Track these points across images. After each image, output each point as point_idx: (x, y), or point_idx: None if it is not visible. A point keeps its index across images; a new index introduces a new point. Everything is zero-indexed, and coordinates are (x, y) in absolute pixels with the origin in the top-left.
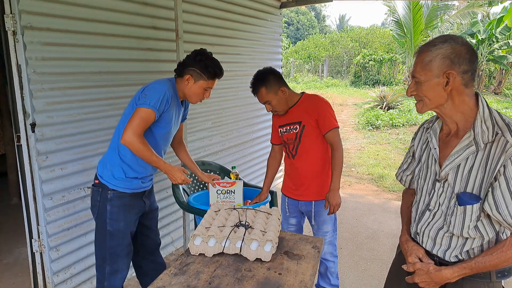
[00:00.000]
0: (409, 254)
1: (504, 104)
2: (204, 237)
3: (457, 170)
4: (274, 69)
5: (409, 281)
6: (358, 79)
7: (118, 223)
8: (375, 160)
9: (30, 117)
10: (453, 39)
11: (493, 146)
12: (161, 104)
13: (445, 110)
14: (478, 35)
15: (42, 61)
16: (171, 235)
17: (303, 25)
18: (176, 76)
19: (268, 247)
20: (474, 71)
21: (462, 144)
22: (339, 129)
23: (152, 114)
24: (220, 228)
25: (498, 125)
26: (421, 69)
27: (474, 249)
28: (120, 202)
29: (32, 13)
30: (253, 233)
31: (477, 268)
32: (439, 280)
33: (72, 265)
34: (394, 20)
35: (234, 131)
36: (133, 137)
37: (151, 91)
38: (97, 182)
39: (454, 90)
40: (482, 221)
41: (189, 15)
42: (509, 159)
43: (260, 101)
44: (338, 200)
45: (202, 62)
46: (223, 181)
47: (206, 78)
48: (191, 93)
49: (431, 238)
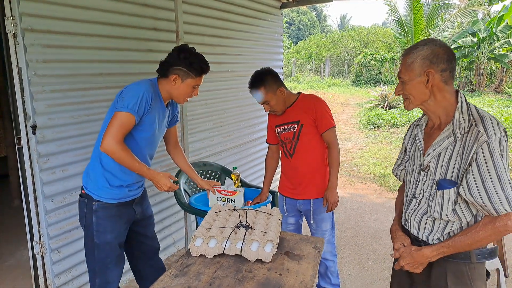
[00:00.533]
0: (396, 242)
1: (505, 103)
2: (204, 238)
3: (437, 159)
4: (272, 69)
5: (397, 268)
6: (360, 78)
7: (105, 234)
8: (377, 160)
9: (30, 119)
10: (432, 42)
11: (468, 136)
12: (140, 107)
13: (429, 106)
14: (479, 34)
15: (43, 63)
16: (172, 236)
17: (304, 25)
18: (159, 76)
19: (269, 248)
20: (452, 69)
21: (443, 135)
22: (335, 128)
23: (131, 117)
24: (221, 229)
25: (473, 117)
26: (405, 70)
27: (454, 231)
28: (106, 213)
29: (32, 15)
30: (253, 234)
31: (454, 247)
32: (420, 259)
33: (74, 267)
34: (395, 19)
35: (235, 131)
36: (113, 144)
37: (128, 94)
38: (83, 192)
39: (435, 87)
40: (459, 205)
41: (190, 16)
42: (480, 146)
43: (259, 101)
44: (336, 198)
45: (187, 59)
46: (224, 188)
47: (193, 75)
48: (179, 93)
49: (416, 224)
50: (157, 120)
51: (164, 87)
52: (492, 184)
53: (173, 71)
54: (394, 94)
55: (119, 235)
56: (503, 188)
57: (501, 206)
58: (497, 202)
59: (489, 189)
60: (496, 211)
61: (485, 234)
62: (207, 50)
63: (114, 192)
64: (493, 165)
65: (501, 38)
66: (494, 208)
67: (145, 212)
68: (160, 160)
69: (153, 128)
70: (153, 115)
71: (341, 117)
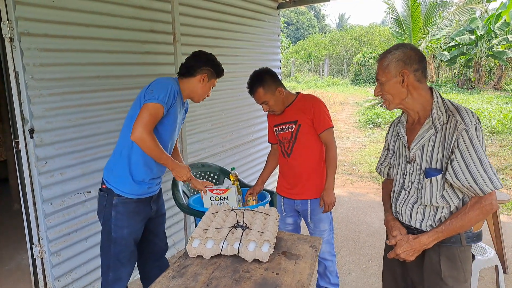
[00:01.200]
0: (393, 230)
1: (504, 100)
2: (202, 239)
3: (422, 150)
4: (270, 69)
5: (391, 256)
6: (359, 77)
7: (122, 229)
8: (376, 158)
9: (28, 123)
10: (404, 46)
11: (447, 126)
12: (168, 98)
13: (407, 104)
14: (477, 31)
15: (40, 67)
16: (172, 238)
17: (303, 24)
18: (181, 77)
19: (266, 248)
20: (424, 69)
21: (424, 128)
22: (333, 128)
23: (160, 108)
24: (218, 229)
25: (450, 109)
26: (382, 72)
27: (445, 216)
28: (125, 209)
29: (29, 19)
30: (250, 234)
31: (447, 231)
32: (417, 246)
33: (73, 270)
34: (393, 18)
35: (234, 132)
36: (144, 134)
37: (157, 86)
38: (104, 187)
39: (410, 86)
40: (446, 190)
41: (186, 17)
42: (460, 134)
43: (258, 101)
44: (333, 199)
45: (211, 61)
46: (215, 188)
47: (216, 76)
48: (203, 91)
49: (408, 213)
50: (178, 114)
51: (187, 85)
52: (475, 167)
53: (202, 71)
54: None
55: (135, 231)
56: (485, 169)
57: (485, 186)
58: (482, 183)
59: (473, 172)
60: (482, 191)
61: (474, 214)
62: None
63: (135, 188)
64: (473, 150)
65: (499, 35)
66: (480, 188)
67: (160, 210)
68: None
69: (175, 122)
70: (176, 109)
71: (341, 116)
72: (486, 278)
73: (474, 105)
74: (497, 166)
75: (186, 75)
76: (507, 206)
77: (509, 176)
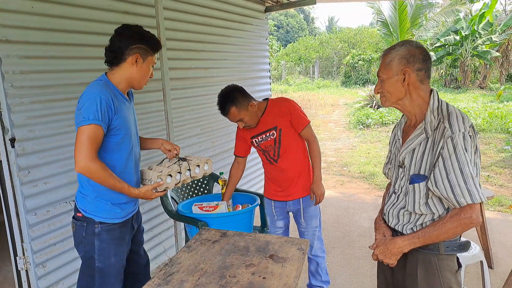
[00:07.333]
0: (377, 232)
1: (489, 98)
2: (163, 177)
3: (412, 155)
4: (238, 86)
5: (373, 258)
6: (349, 79)
7: (109, 258)
8: (366, 158)
9: (9, 132)
10: (409, 43)
11: (436, 132)
12: (102, 113)
13: (405, 106)
14: (462, 32)
15: (21, 75)
16: (163, 245)
17: (293, 27)
18: (110, 68)
19: (207, 167)
20: (427, 69)
21: (416, 132)
22: (310, 123)
23: (96, 128)
24: (169, 167)
25: (442, 114)
26: (383, 68)
27: (426, 223)
28: (110, 236)
29: (7, 26)
30: (192, 162)
31: (424, 238)
32: (393, 248)
33: (60, 281)
34: (380, 20)
35: (224, 136)
36: (88, 163)
37: (85, 103)
38: (80, 215)
39: (411, 85)
40: (432, 198)
41: (172, 22)
42: (445, 141)
43: (232, 120)
44: (322, 190)
45: (140, 35)
46: (206, 204)
47: (152, 52)
48: (141, 75)
49: (395, 217)
50: (127, 117)
51: (121, 76)
52: (455, 177)
53: (131, 51)
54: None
55: (122, 257)
56: (465, 180)
57: (462, 198)
58: (459, 194)
59: (452, 181)
60: (458, 203)
61: (451, 225)
62: (191, 56)
63: (117, 211)
64: (456, 159)
65: (483, 35)
66: (456, 200)
67: (139, 227)
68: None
69: (126, 125)
70: (122, 114)
71: (331, 118)
72: (472, 274)
73: (461, 104)
74: (483, 163)
75: (114, 62)
76: (492, 202)
77: (494, 173)
